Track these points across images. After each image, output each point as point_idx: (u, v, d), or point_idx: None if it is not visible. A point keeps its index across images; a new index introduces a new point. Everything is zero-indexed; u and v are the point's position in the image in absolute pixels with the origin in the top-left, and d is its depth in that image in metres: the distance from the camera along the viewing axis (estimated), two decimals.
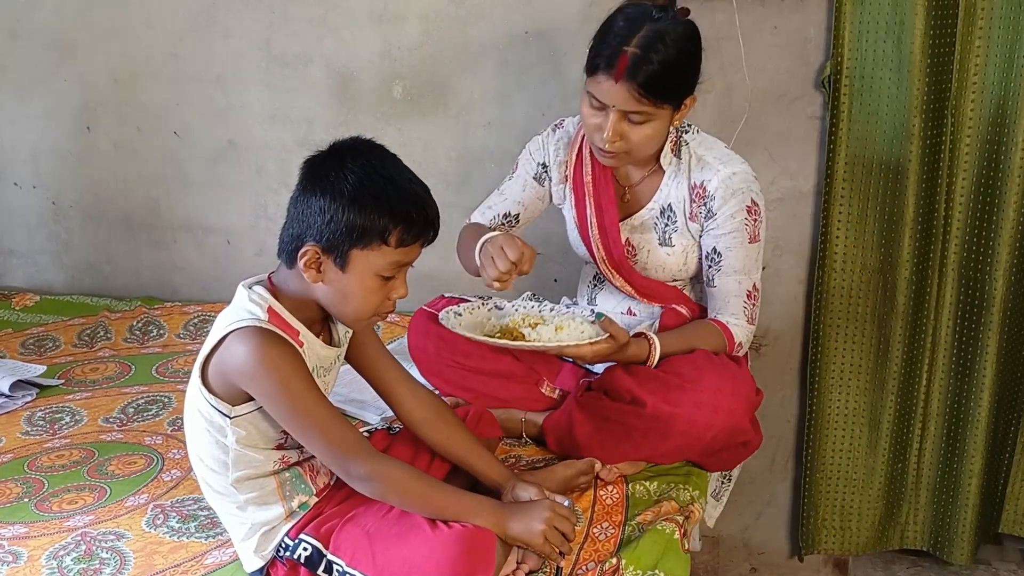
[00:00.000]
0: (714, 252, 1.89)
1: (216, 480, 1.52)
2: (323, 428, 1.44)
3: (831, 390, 2.42)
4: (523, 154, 2.04)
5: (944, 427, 2.40)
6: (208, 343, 1.46)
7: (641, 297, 1.99)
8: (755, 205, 1.87)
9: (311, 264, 1.43)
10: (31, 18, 2.79)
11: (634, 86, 1.71)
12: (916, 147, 2.19)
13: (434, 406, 1.66)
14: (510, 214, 2.02)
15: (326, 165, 1.43)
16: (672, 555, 1.57)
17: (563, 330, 1.78)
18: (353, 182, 1.40)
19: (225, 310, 1.49)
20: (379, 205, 1.40)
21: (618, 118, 1.76)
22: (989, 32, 2.12)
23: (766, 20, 2.27)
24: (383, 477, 1.45)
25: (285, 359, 1.42)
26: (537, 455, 1.92)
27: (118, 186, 2.87)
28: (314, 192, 1.42)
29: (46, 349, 2.56)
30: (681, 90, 1.78)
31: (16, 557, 1.64)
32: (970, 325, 2.31)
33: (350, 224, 1.40)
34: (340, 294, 1.46)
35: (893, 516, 2.50)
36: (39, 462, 1.98)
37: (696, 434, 1.76)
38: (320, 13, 2.57)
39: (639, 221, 1.96)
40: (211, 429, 1.48)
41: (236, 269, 2.82)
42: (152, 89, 2.75)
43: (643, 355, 1.82)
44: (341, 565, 1.47)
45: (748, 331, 1.92)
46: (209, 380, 1.46)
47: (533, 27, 2.45)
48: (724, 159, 1.88)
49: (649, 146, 1.83)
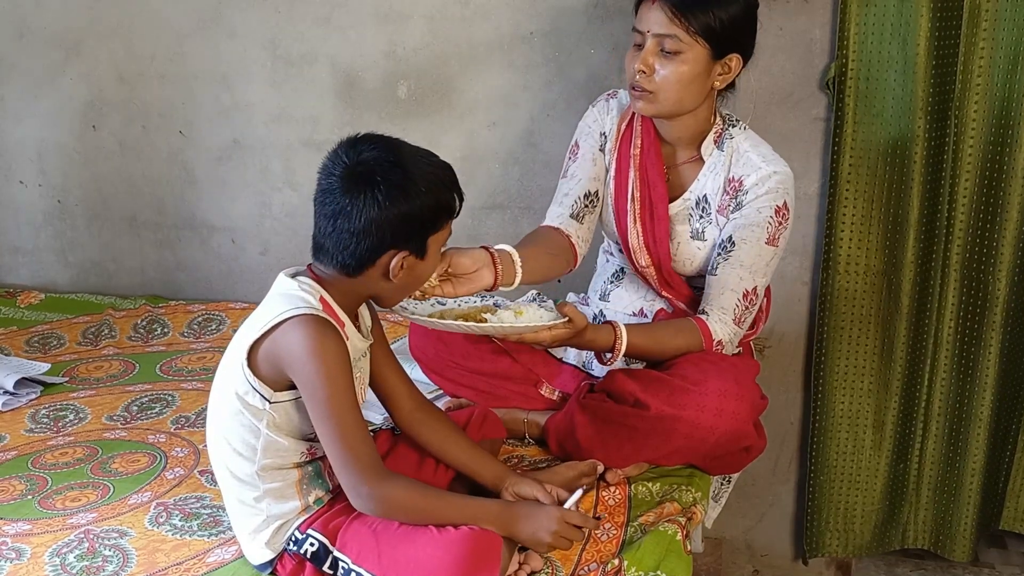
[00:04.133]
0: (728, 241, 1.86)
1: (241, 466, 1.52)
2: (346, 434, 1.45)
3: (835, 392, 2.42)
4: (580, 130, 2.00)
5: (946, 426, 2.40)
6: (256, 326, 1.47)
7: (660, 286, 1.96)
8: (785, 208, 1.85)
9: (399, 268, 1.48)
10: (37, 17, 2.79)
11: (667, 5, 1.74)
12: (920, 149, 2.19)
13: (430, 409, 1.67)
14: (589, 193, 1.95)
15: (368, 177, 1.43)
16: (674, 556, 1.57)
17: (523, 315, 1.71)
18: (409, 182, 1.44)
19: (271, 297, 1.50)
20: (436, 188, 1.48)
21: (652, 48, 1.77)
22: (993, 34, 2.12)
23: (771, 21, 2.27)
24: (385, 500, 1.46)
25: (336, 352, 1.45)
26: (540, 456, 1.92)
27: (123, 185, 2.88)
28: (377, 205, 1.42)
29: (50, 347, 2.57)
30: (719, 30, 1.76)
31: (19, 554, 1.64)
32: (973, 325, 2.31)
33: (424, 218, 1.46)
34: (415, 280, 1.53)
35: (894, 517, 2.50)
36: (43, 459, 1.98)
37: (699, 437, 1.75)
38: (325, 13, 2.57)
39: (674, 211, 1.94)
40: (245, 411, 1.49)
41: (240, 268, 2.82)
42: (158, 88, 2.76)
43: (607, 342, 1.76)
44: (347, 562, 1.48)
45: (733, 331, 1.85)
46: (256, 363, 1.47)
47: (538, 27, 2.45)
48: (768, 158, 1.87)
49: (678, 90, 1.80)
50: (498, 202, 2.59)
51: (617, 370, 1.84)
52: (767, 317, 2.08)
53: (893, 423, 2.41)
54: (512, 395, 1.98)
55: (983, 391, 2.31)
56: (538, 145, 2.52)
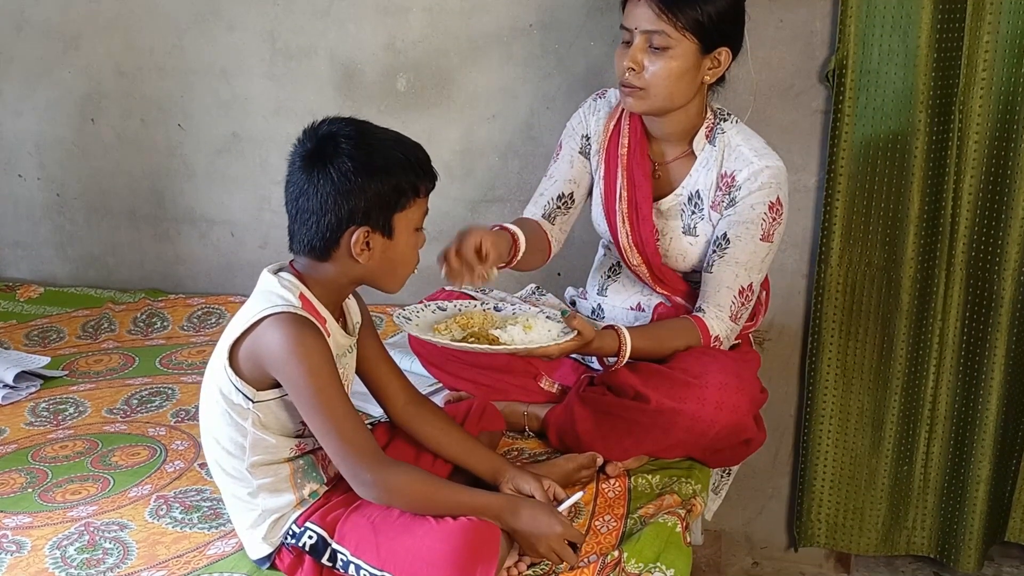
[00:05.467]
0: (723, 238, 1.86)
1: (231, 463, 1.52)
2: (340, 424, 1.44)
3: (829, 387, 2.40)
4: (565, 131, 2.02)
5: (952, 431, 2.36)
6: (237, 325, 1.47)
7: (654, 283, 1.97)
8: (778, 204, 1.85)
9: (362, 246, 1.45)
10: (36, 10, 2.79)
11: (654, 2, 1.74)
12: (922, 143, 2.18)
13: (424, 403, 1.67)
14: (563, 195, 1.99)
15: (324, 154, 1.44)
16: (674, 548, 1.58)
17: (531, 329, 1.74)
18: (366, 156, 1.43)
19: (253, 296, 1.50)
20: (400, 165, 1.45)
21: (641, 44, 1.77)
22: (998, 27, 2.09)
23: (772, 13, 2.27)
24: (388, 486, 1.45)
25: (317, 348, 1.44)
26: (539, 448, 1.92)
27: (122, 178, 2.87)
28: (332, 180, 1.43)
29: (50, 340, 2.57)
30: (707, 24, 1.76)
31: (20, 547, 1.64)
32: (978, 326, 2.27)
33: (386, 193, 1.45)
34: (390, 263, 1.50)
35: (899, 521, 2.46)
36: (43, 453, 1.98)
37: (700, 430, 1.75)
38: (324, 5, 2.57)
39: (666, 206, 1.94)
40: (231, 411, 1.49)
41: (240, 262, 2.82)
42: (156, 81, 2.75)
43: (611, 348, 1.78)
44: (345, 554, 1.48)
45: (729, 327, 1.86)
46: (238, 362, 1.47)
47: (537, 20, 2.44)
48: (760, 152, 1.87)
49: (667, 86, 1.80)
50: (498, 195, 2.59)
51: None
52: (766, 309, 2.08)
53: (893, 423, 2.38)
54: (511, 388, 1.98)
55: (988, 395, 2.26)
56: (537, 138, 2.52)
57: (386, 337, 2.31)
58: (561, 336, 1.71)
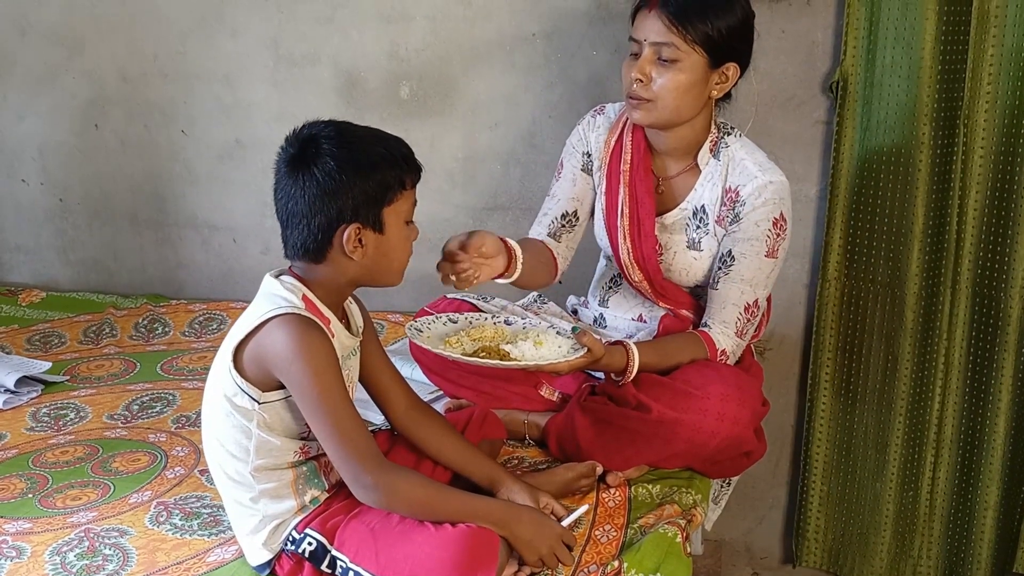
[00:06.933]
0: (728, 255, 1.87)
1: (235, 467, 1.52)
2: (342, 427, 1.45)
3: (827, 406, 2.38)
4: (565, 149, 2.02)
5: (958, 455, 2.30)
6: (242, 328, 1.48)
7: (656, 297, 1.97)
8: (783, 219, 1.85)
9: (354, 243, 1.46)
10: (39, 15, 2.79)
11: (665, 14, 1.75)
12: (926, 156, 2.15)
13: (425, 410, 1.67)
14: (567, 214, 1.99)
15: (307, 156, 1.46)
16: (674, 558, 1.57)
17: (542, 345, 1.74)
18: (348, 154, 1.44)
19: (257, 299, 1.51)
20: (383, 159, 1.47)
21: (650, 56, 1.78)
22: (1003, 40, 2.06)
23: (773, 23, 2.27)
24: (389, 490, 1.46)
25: (322, 350, 1.44)
26: (540, 457, 1.92)
27: (125, 183, 2.88)
28: (317, 181, 1.44)
29: (52, 345, 2.57)
30: (717, 39, 1.77)
31: (19, 552, 1.64)
32: (984, 345, 2.22)
33: (372, 189, 1.45)
34: (384, 257, 1.50)
35: (905, 550, 2.40)
36: (43, 458, 1.98)
37: (700, 441, 1.75)
38: (328, 13, 2.57)
39: (670, 221, 1.94)
40: (236, 413, 1.49)
41: (242, 267, 2.83)
42: (160, 87, 2.76)
43: (620, 365, 1.77)
44: (345, 561, 1.48)
45: (735, 343, 1.86)
46: (243, 364, 1.47)
47: (540, 29, 2.45)
48: (764, 167, 1.87)
49: (675, 99, 1.80)
50: (499, 203, 2.59)
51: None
52: (768, 320, 2.08)
53: (898, 445, 2.32)
54: (512, 396, 1.98)
55: (996, 418, 2.20)
56: (540, 146, 2.52)
57: (387, 343, 2.31)
58: (571, 352, 1.71)
